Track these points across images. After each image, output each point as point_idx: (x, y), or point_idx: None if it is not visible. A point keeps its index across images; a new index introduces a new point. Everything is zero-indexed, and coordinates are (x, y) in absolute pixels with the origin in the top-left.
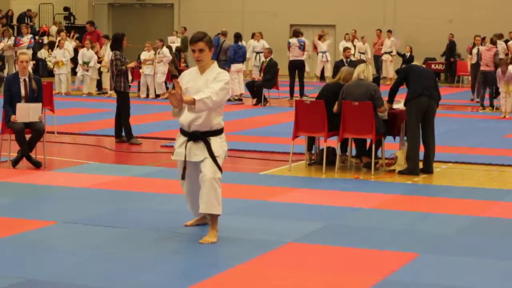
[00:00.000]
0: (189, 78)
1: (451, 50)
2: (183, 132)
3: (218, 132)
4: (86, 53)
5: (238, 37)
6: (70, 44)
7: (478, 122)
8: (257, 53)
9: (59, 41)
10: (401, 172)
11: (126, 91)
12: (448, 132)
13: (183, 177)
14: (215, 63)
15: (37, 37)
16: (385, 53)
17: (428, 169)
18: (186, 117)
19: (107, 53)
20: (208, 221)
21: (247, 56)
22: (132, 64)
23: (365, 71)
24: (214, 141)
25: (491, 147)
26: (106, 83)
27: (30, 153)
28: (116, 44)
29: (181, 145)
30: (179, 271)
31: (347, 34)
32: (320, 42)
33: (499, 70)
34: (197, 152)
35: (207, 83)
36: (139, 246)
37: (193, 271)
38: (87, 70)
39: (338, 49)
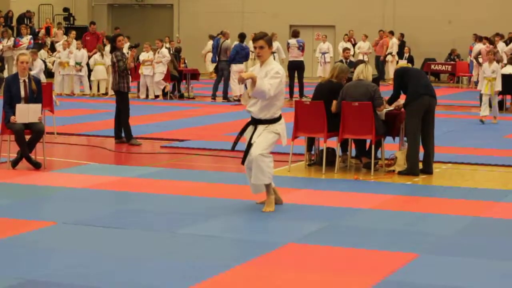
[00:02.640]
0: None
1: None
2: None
3: (270, 121)
4: (77, 54)
5: (242, 37)
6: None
7: (478, 123)
8: None
9: (64, 42)
10: (400, 173)
11: (126, 91)
12: (448, 132)
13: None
14: (271, 58)
15: (40, 34)
16: (389, 53)
17: (428, 170)
18: (250, 107)
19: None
20: (278, 198)
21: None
22: (130, 58)
23: (364, 71)
24: (261, 127)
25: (491, 148)
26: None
27: (30, 154)
28: (111, 46)
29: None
30: (179, 272)
31: (346, 34)
32: (321, 43)
33: (486, 64)
34: (249, 134)
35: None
36: (139, 247)
37: (193, 272)
38: (80, 70)
39: (337, 49)
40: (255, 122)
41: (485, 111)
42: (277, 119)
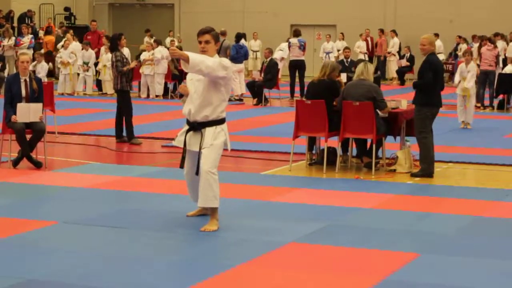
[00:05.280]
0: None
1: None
2: (187, 121)
3: (215, 122)
4: (85, 54)
5: (239, 37)
6: (75, 45)
7: (478, 122)
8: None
9: (65, 41)
10: (414, 175)
11: (127, 90)
12: (448, 132)
13: (181, 166)
14: (216, 55)
15: (41, 35)
16: (389, 53)
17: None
18: (186, 107)
19: (106, 55)
20: (209, 212)
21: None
22: (133, 65)
23: (364, 72)
24: (209, 131)
25: (491, 147)
26: (106, 84)
27: (31, 153)
28: (114, 45)
29: (183, 133)
30: (180, 271)
31: (341, 33)
32: (325, 43)
33: (462, 65)
34: (194, 141)
35: None
36: (140, 246)
37: (194, 271)
38: (87, 70)
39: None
40: (197, 126)
41: (462, 116)
42: (223, 120)
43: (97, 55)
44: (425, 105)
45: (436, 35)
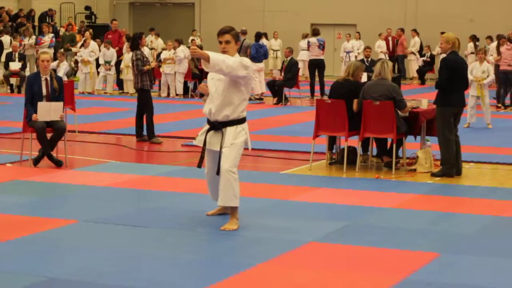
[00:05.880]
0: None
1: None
2: (208, 120)
3: (236, 122)
4: (106, 53)
5: (259, 36)
6: (95, 44)
7: (499, 122)
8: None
9: (85, 40)
10: (434, 175)
11: (148, 89)
12: (469, 132)
13: (199, 165)
14: (237, 55)
15: (62, 31)
16: (411, 52)
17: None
18: (207, 106)
19: (127, 54)
20: (229, 211)
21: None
22: (153, 65)
23: (381, 71)
24: (230, 131)
25: (511, 147)
26: (128, 84)
27: (51, 152)
28: (135, 44)
29: (203, 133)
30: (201, 270)
31: (357, 32)
32: (345, 42)
33: (475, 64)
34: (215, 141)
35: None
36: (160, 245)
37: (214, 270)
38: (109, 69)
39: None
40: (218, 125)
41: (472, 117)
42: (244, 120)
43: (118, 53)
44: (444, 105)
45: (442, 33)
